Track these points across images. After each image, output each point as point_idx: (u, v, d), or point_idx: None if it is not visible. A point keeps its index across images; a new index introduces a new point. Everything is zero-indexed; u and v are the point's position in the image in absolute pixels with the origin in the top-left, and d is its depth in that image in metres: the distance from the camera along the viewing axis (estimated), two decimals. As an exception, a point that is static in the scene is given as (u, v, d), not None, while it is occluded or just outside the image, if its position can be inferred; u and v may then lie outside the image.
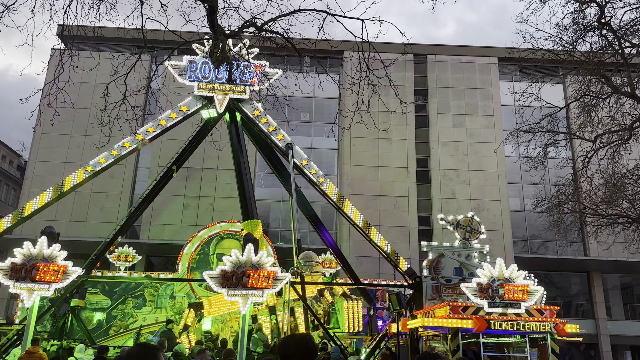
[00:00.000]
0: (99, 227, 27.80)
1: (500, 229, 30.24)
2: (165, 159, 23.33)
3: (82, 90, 27.81)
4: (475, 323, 12.65)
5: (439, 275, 16.40)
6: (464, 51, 35.04)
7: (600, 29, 14.38)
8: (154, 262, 30.83)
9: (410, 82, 33.54)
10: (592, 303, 30.44)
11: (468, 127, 33.02)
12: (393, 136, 31.97)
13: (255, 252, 13.31)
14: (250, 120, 19.36)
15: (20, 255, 13.28)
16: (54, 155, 30.47)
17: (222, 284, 12.92)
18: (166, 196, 27.78)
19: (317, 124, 33.29)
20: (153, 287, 21.55)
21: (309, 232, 27.98)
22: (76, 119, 29.13)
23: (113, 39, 15.41)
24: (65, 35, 9.18)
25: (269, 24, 8.22)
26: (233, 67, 17.78)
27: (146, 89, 10.30)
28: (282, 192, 27.99)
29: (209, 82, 18.95)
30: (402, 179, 31.57)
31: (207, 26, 7.90)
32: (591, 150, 16.29)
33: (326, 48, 10.03)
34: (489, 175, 31.80)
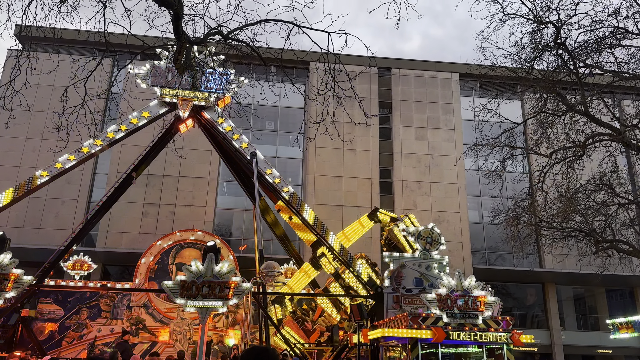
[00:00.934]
0: (54, 235, 26.81)
1: (459, 240, 30.87)
2: (125, 165, 22.78)
3: (39, 92, 26.93)
4: (434, 333, 12.81)
5: (400, 286, 16.56)
6: (427, 66, 35.86)
7: (556, 49, 15.01)
8: (111, 271, 29.92)
9: (375, 94, 34.04)
10: (547, 314, 31.39)
11: (430, 140, 33.71)
12: (358, 147, 32.29)
13: (216, 262, 13.13)
14: (214, 128, 19.16)
15: (-34, 263, 12.65)
16: (7, 159, 29.27)
17: (181, 295, 12.67)
18: (125, 203, 27.09)
19: (282, 133, 33.29)
20: (109, 297, 20.90)
21: (272, 242, 27.82)
22: (32, 122, 28.14)
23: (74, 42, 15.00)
24: (24, 36, 8.87)
25: (235, 33, 8.19)
26: (197, 74, 17.61)
27: (107, 93, 10.05)
28: (245, 201, 27.76)
29: (173, 88, 18.68)
30: (365, 190, 31.86)
31: (171, 32, 7.81)
32: (547, 165, 16.87)
33: (292, 58, 10.07)
34: (449, 187, 32.48)
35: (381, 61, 33.78)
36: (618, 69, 15.06)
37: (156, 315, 20.87)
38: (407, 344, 13.39)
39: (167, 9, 7.22)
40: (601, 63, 15.19)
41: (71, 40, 12.93)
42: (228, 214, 31.69)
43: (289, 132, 33.05)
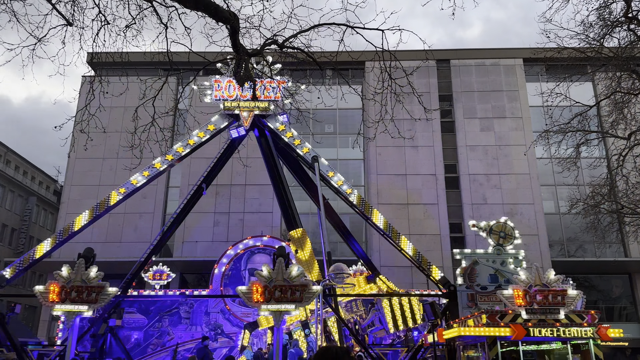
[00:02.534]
0: (134, 247, 28.36)
1: (535, 233, 29.54)
2: (195, 177, 23.76)
3: (112, 114, 28.63)
4: (513, 331, 12.35)
5: (474, 283, 16.10)
6: (487, 54, 34.68)
7: (627, 23, 14.04)
8: (188, 279, 31.23)
9: (434, 88, 33.35)
10: (636, 306, 29.30)
11: (496, 130, 32.55)
12: (419, 143, 31.75)
13: (286, 267, 13.36)
14: (275, 135, 19.55)
15: (59, 277, 13.66)
16: (88, 179, 31.36)
17: (254, 299, 13.00)
18: (197, 214, 28.19)
19: (341, 135, 33.37)
20: (188, 304, 21.81)
21: (338, 244, 27.92)
22: (108, 142, 29.96)
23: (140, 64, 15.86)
24: (95, 62, 9.51)
25: (289, 41, 8.33)
26: (256, 84, 18.07)
27: (174, 110, 10.53)
28: (310, 204, 28.06)
29: (234, 100, 19.27)
30: (430, 186, 31.26)
31: (229, 46, 8.07)
32: (625, 148, 15.83)
33: (347, 60, 10.09)
34: (520, 178, 31.19)
35: (439, 53, 33.05)
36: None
37: (233, 320, 21.54)
38: (485, 343, 12.98)
39: (224, 24, 7.47)
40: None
41: (138, 63, 13.67)
42: (295, 219, 32.13)
43: (348, 133, 33.08)
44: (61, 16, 8.06)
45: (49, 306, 13.68)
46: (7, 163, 46.51)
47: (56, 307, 13.45)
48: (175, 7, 8.04)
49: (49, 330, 30.46)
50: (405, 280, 27.99)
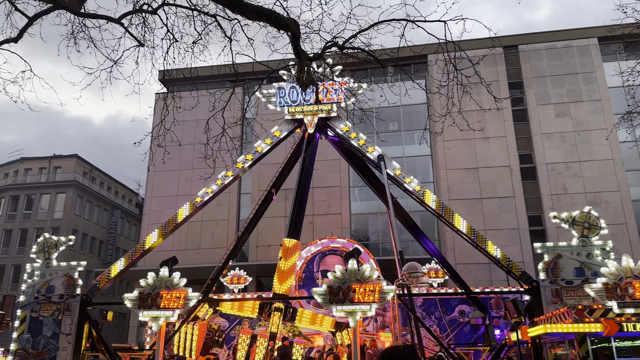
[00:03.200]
0: (211, 253, 29.53)
1: (622, 222, 27.60)
2: (265, 183, 24.32)
3: (185, 127, 29.99)
4: (604, 326, 11.59)
5: (558, 278, 15.28)
6: (558, 36, 32.89)
7: None
8: (264, 282, 32.03)
9: (502, 76, 32.09)
10: None
11: (573, 115, 30.77)
12: (490, 134, 30.66)
13: (358, 266, 13.34)
14: (340, 137, 19.62)
15: (145, 285, 14.47)
16: (166, 191, 33.06)
17: (330, 300, 13.08)
18: (269, 218, 28.86)
19: (407, 132, 32.90)
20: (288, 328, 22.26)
21: (410, 243, 27.51)
22: (183, 155, 31.41)
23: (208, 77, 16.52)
24: (166, 79, 10.00)
25: (350, 41, 8.34)
26: (319, 87, 18.24)
27: (242, 119, 10.86)
28: (378, 204, 27.88)
29: (298, 105, 19.55)
30: (505, 179, 30.07)
31: (291, 52, 8.22)
32: None
33: (409, 55, 9.94)
34: (603, 164, 29.27)
35: (505, 39, 31.78)
36: None
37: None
38: (573, 340, 12.28)
39: (285, 31, 7.61)
40: None
41: (206, 76, 14.25)
42: (363, 219, 32.08)
43: (413, 129, 32.56)
44: (133, 38, 8.57)
45: (137, 312, 14.52)
46: (92, 180, 50.06)
47: (144, 313, 14.25)
48: (237, 19, 8.31)
49: (137, 335, 32.39)
50: (484, 278, 27.11)
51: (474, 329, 20.85)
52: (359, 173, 21.69)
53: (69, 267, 17.25)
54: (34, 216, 45.30)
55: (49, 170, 47.65)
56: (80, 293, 16.83)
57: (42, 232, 21.90)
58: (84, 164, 49.40)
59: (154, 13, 8.38)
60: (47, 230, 40.44)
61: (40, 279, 17.11)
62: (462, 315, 21.15)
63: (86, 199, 47.48)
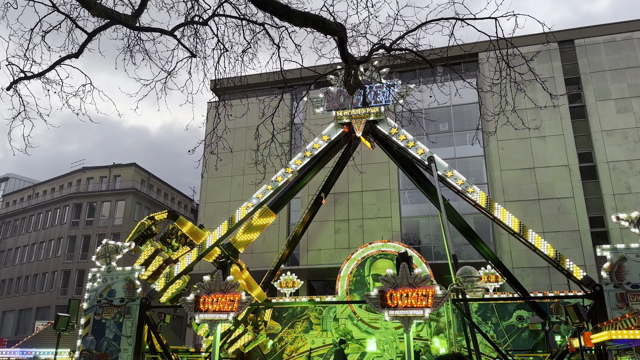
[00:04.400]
0: (264, 257, 29.98)
1: (695, 222, 25.78)
2: (314, 187, 24.48)
3: (236, 134, 30.64)
4: (678, 334, 10.87)
5: (623, 282, 14.49)
6: (617, 28, 31.28)
7: None
8: (315, 286, 32.18)
9: (558, 72, 30.85)
10: None
11: (636, 110, 29.16)
12: (547, 133, 29.53)
13: (410, 271, 13.17)
14: (389, 139, 19.45)
15: (201, 288, 14.87)
16: (219, 196, 33.89)
17: (382, 305, 12.97)
18: (319, 222, 29.01)
19: (458, 132, 32.19)
20: (317, 311, 22.42)
21: (464, 246, 26.87)
22: (234, 161, 32.11)
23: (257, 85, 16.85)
24: (218, 88, 10.27)
25: (397, 43, 8.26)
26: (366, 90, 18.17)
27: (290, 125, 10.97)
28: (429, 207, 27.42)
29: (346, 109, 19.55)
30: (564, 179, 28.84)
31: (338, 57, 8.22)
32: None
33: (459, 54, 9.74)
34: (671, 161, 27.53)
35: (560, 34, 30.54)
36: None
37: (361, 326, 21.70)
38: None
39: (332, 36, 7.64)
40: None
41: (255, 84, 14.52)
42: (414, 222, 31.63)
43: (465, 130, 31.82)
44: (186, 49, 8.85)
45: (194, 315, 14.94)
46: (150, 187, 52.06)
47: (200, 316, 14.65)
48: (285, 26, 8.41)
49: (194, 338, 33.28)
50: (543, 282, 26.09)
51: (533, 335, 20.07)
52: (408, 175, 21.42)
53: (129, 272, 17.98)
54: (96, 223, 47.59)
55: (109, 179, 49.98)
56: (139, 297, 17.50)
57: (104, 238, 22.96)
58: (141, 172, 51.47)
59: (205, 24, 8.62)
60: (108, 236, 42.38)
61: (102, 283, 17.93)
62: (520, 320, 20.41)
63: (144, 206, 49.41)
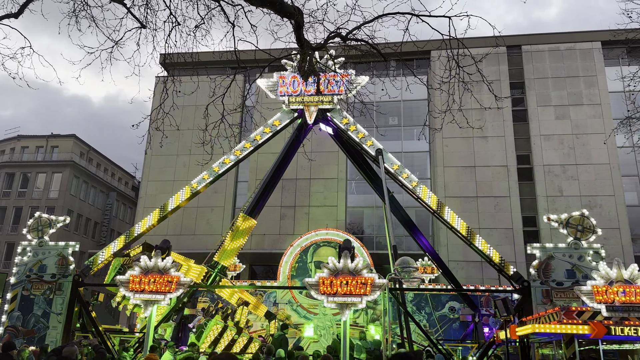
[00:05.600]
0: (206, 239, 29.56)
1: (616, 227, 27.74)
2: (262, 172, 24.35)
3: (184, 112, 29.84)
4: (592, 329, 11.68)
5: (549, 279, 15.39)
6: (562, 38, 32.84)
7: None
8: (257, 270, 32.13)
9: (504, 75, 32.05)
10: None
11: (573, 118, 30.80)
12: (489, 134, 30.68)
13: (351, 259, 13.39)
14: (339, 129, 19.58)
15: (138, 268, 14.49)
16: (163, 175, 33.00)
17: (321, 291, 13.14)
18: (265, 207, 28.82)
19: (406, 127, 32.87)
20: (257, 295, 22.43)
21: (404, 238, 27.61)
22: (181, 139, 31.32)
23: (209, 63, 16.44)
24: (167, 62, 9.95)
25: (353, 33, 8.30)
26: (320, 78, 18.16)
27: (241, 107, 10.82)
28: (374, 198, 27.93)
29: (299, 96, 19.48)
30: (502, 178, 30.14)
31: (294, 41, 8.17)
32: None
33: (412, 50, 9.90)
34: (599, 168, 29.36)
35: (509, 39, 31.69)
36: None
37: (300, 312, 21.93)
38: (561, 340, 12.38)
39: (289, 19, 7.57)
40: None
41: (207, 62, 14.16)
42: (359, 212, 32.15)
43: (413, 125, 32.54)
44: (135, 19, 8.51)
45: (129, 295, 14.55)
46: (89, 161, 49.93)
47: (135, 296, 14.28)
48: (241, 5, 8.25)
49: (128, 318, 32.46)
50: (475, 276, 27.25)
51: (463, 326, 21.01)
52: (356, 166, 21.70)
53: (62, 247, 17.24)
54: (29, 194, 45.19)
55: (46, 149, 47.48)
56: (72, 273, 16.84)
57: (37, 210, 21.84)
58: (81, 145, 49.23)
59: (158, -5, 8.32)
60: (42, 209, 40.39)
61: (33, 257, 17.11)
62: (452, 311, 21.30)
63: (82, 180, 47.38)
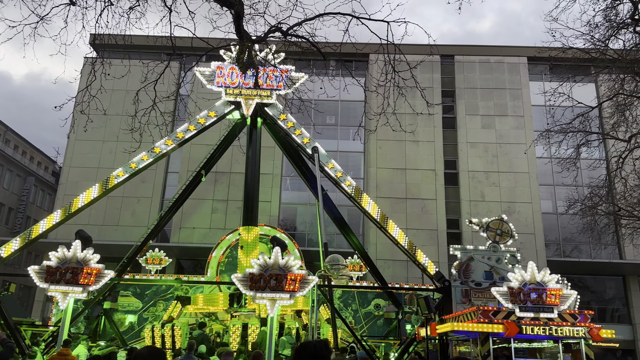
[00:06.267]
0: (131, 231, 28.40)
1: (532, 232, 29.61)
2: (194, 163, 23.73)
3: (113, 97, 28.50)
4: (506, 328, 12.41)
5: (469, 279, 16.16)
6: (492, 51, 34.55)
7: (634, 25, 13.95)
8: (184, 265, 31.31)
9: (437, 83, 33.25)
10: (629, 308, 29.47)
11: (497, 128, 32.51)
12: (420, 138, 31.72)
13: (282, 256, 13.39)
14: (276, 125, 19.51)
15: (55, 258, 13.68)
16: (87, 161, 31.30)
17: (250, 287, 13.04)
18: (195, 200, 28.19)
19: (343, 127, 33.29)
20: (183, 290, 21.88)
21: (335, 236, 27.97)
22: (108, 125, 29.87)
23: (143, 47, 15.80)
24: (97, 43, 9.43)
25: (294, 29, 8.27)
26: (259, 72, 17.97)
27: (175, 95, 10.48)
28: (308, 195, 28.07)
29: (236, 88, 19.18)
30: (429, 182, 31.27)
31: (233, 32, 8.01)
32: (625, 150, 15.80)
33: (352, 51, 10.03)
34: (519, 177, 31.20)
35: (443, 49, 32.90)
36: None
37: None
38: (477, 338, 13.06)
39: (229, 9, 7.41)
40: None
41: (141, 46, 13.59)
42: (292, 209, 32.18)
43: (349, 125, 33.00)
44: (65, -5, 8.00)
45: (43, 286, 13.71)
46: (6, 142, 46.43)
47: (51, 287, 13.48)
48: (180, -10, 7.98)
49: (43, 310, 30.58)
50: (401, 274, 28.09)
51: (387, 323, 21.62)
52: (291, 162, 21.71)
53: (-31, 234, 15.91)
54: None
55: (-45, 127, 43.60)
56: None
57: (-59, 193, 20.04)
58: (-4, 124, 45.66)
59: (90, -29, 7.86)
60: (-52, 191, 37.05)
61: None
62: (377, 308, 21.86)
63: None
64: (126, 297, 21.76)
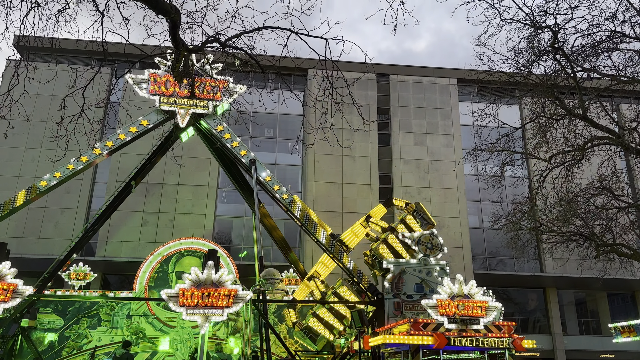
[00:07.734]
0: (53, 244, 26.73)
1: (460, 246, 30.80)
2: (124, 174, 22.78)
3: (38, 102, 26.96)
4: (435, 339, 12.75)
5: (401, 292, 16.51)
6: (424, 72, 35.96)
7: (554, 53, 15.03)
8: (111, 280, 29.83)
9: (373, 100, 34.10)
10: (549, 318, 31.27)
11: (429, 145, 33.73)
12: (357, 153, 32.31)
13: (215, 270, 13.09)
14: (213, 136, 19.17)
15: (-35, 274, 12.60)
16: (6, 169, 29.23)
17: (181, 303, 12.62)
18: (124, 212, 27.04)
19: (281, 140, 33.30)
20: (109, 307, 20.83)
21: (272, 249, 27.75)
22: (31, 132, 28.15)
23: (72, 51, 15.07)
24: (22, 46, 8.89)
25: (232, 40, 8.21)
26: (195, 82, 17.65)
27: (105, 102, 10.06)
28: (245, 208, 27.74)
29: (171, 97, 18.70)
30: (365, 196, 31.83)
31: (169, 40, 7.83)
32: (546, 169, 16.86)
33: (290, 65, 10.09)
34: (449, 192, 32.46)
35: (379, 67, 33.87)
36: (616, 73, 15.09)
37: (156, 324, 20.79)
38: (408, 351, 13.32)
39: (165, 17, 7.24)
40: (599, 67, 15.23)
41: (69, 50, 12.94)
42: (228, 222, 31.63)
43: (288, 139, 33.06)
44: (-15, -8, 7.49)
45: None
46: None
47: None
48: (113, -5, 7.70)
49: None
50: (335, 288, 28.19)
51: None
52: (228, 174, 21.38)
53: None
54: None
55: None
56: None
57: None
58: None
59: (14, -32, 7.42)
60: None
61: None
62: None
63: None
64: (46, 314, 20.38)
